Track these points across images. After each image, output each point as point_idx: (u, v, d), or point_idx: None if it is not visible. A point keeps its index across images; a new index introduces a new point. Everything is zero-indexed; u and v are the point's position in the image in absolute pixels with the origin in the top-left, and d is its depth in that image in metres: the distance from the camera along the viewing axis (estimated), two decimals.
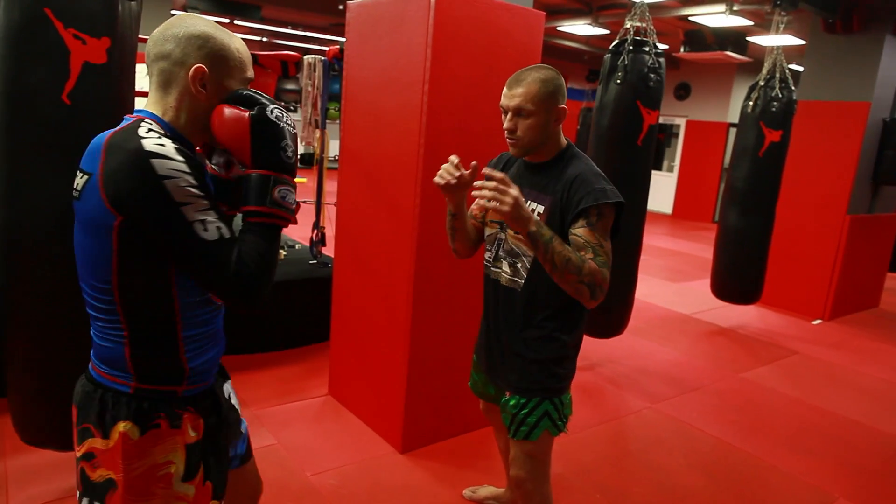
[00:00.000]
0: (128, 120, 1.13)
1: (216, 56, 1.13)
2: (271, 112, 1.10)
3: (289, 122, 1.14)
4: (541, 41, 2.78)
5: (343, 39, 3.57)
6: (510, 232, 1.74)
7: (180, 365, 1.17)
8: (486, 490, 2.48)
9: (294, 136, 1.15)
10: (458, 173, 1.68)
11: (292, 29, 10.74)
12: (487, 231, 1.86)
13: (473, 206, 1.92)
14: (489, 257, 1.86)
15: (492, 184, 1.49)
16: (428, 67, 2.42)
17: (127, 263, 1.08)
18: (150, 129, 1.08)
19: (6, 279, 2.08)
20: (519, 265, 1.75)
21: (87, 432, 1.15)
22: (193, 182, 1.04)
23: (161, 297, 1.12)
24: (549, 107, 1.67)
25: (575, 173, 1.67)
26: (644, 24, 3.56)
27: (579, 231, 1.60)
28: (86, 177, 1.07)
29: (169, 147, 1.05)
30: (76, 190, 1.09)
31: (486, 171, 1.63)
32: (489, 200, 1.48)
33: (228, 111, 1.10)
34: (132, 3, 2.03)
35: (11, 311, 2.07)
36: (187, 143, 1.15)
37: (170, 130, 1.12)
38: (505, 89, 1.70)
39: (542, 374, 1.76)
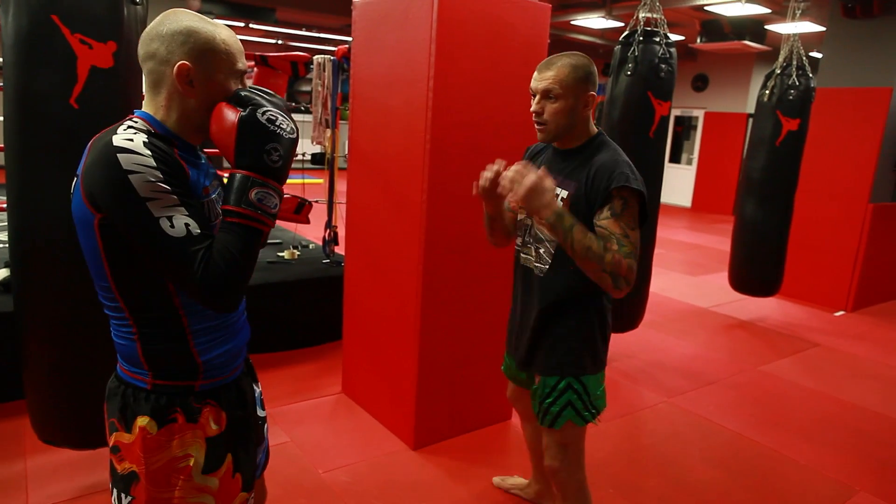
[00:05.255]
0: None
1: (200, 50, 1.10)
2: (262, 114, 1.07)
3: (285, 126, 1.09)
4: (547, 34, 2.76)
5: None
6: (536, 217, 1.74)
7: (192, 359, 1.17)
8: (513, 480, 2.51)
9: (290, 142, 1.10)
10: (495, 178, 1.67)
11: (306, 31, 10.81)
12: (519, 217, 1.88)
13: (510, 196, 1.93)
14: (519, 243, 1.89)
15: (511, 172, 1.51)
16: (432, 63, 2.42)
17: (116, 261, 1.09)
18: (129, 127, 1.08)
19: (21, 281, 2.12)
20: (542, 251, 1.78)
21: (114, 426, 1.19)
22: (161, 177, 1.03)
23: (159, 293, 1.12)
24: (578, 92, 1.66)
25: (601, 160, 1.66)
26: (656, 15, 3.52)
27: (604, 222, 1.59)
28: (76, 178, 1.09)
29: (137, 142, 1.04)
30: (71, 193, 1.11)
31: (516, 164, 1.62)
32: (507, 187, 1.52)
33: (223, 110, 1.10)
34: (137, 6, 2.06)
35: (27, 312, 2.12)
36: (180, 140, 1.14)
37: (161, 129, 1.12)
38: (535, 73, 1.71)
39: (567, 354, 1.78)
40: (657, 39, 3.46)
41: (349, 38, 2.99)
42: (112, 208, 1.03)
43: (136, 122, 1.11)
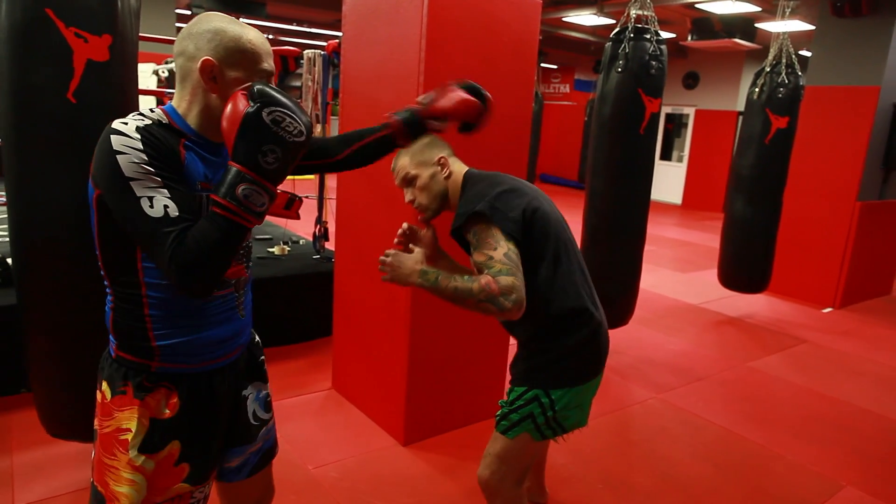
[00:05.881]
0: None
1: (226, 49, 1.15)
2: (269, 113, 1.06)
3: (291, 128, 1.08)
4: (537, 30, 2.76)
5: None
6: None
7: (148, 342, 1.21)
8: None
9: (293, 146, 1.09)
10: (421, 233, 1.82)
11: (297, 25, 10.76)
12: None
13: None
14: None
15: (380, 266, 1.66)
16: (423, 59, 2.41)
17: (104, 235, 1.16)
18: (138, 114, 1.14)
19: (21, 276, 2.11)
20: None
21: (97, 385, 1.28)
22: (146, 159, 1.07)
23: (128, 272, 1.18)
24: (427, 160, 1.75)
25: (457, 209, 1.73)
26: (647, 13, 3.52)
27: (473, 259, 1.62)
28: None
29: (131, 126, 1.10)
30: None
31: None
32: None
33: (237, 99, 1.09)
34: None
35: (29, 307, 2.11)
36: (196, 134, 1.19)
37: (178, 121, 1.18)
38: (393, 175, 1.81)
39: (538, 365, 1.76)
40: (648, 36, 3.46)
41: (340, 34, 2.98)
42: (103, 185, 1.09)
43: (150, 112, 1.16)
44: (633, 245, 3.74)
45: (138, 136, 1.09)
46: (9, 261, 3.08)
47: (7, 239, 3.92)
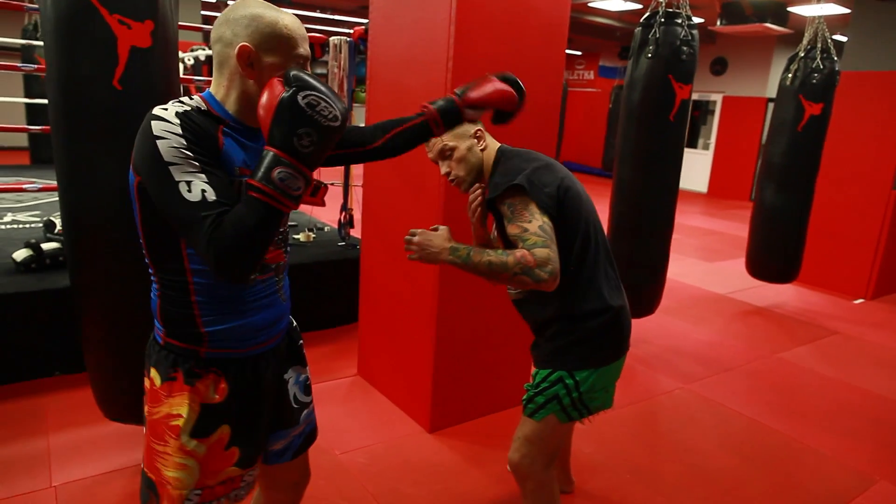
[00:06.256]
0: None
1: (263, 34, 1.14)
2: (304, 97, 1.06)
3: (326, 112, 1.07)
4: (567, 17, 2.71)
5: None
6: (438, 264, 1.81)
7: (196, 328, 1.22)
8: None
9: (328, 129, 1.08)
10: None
11: (321, 13, 10.74)
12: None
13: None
14: None
15: (406, 245, 1.65)
16: (452, 45, 2.38)
17: (147, 223, 1.17)
18: (177, 101, 1.14)
19: (74, 262, 2.15)
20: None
21: (146, 371, 1.29)
22: (184, 144, 1.08)
23: (174, 259, 1.18)
24: (464, 133, 1.77)
25: (491, 182, 1.73)
26: None
27: (507, 231, 1.63)
28: None
29: (171, 112, 1.11)
30: None
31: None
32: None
33: (272, 85, 1.09)
34: None
35: (82, 292, 2.15)
36: (234, 120, 1.19)
37: (216, 107, 1.18)
38: (426, 149, 1.81)
39: (562, 346, 1.77)
40: (679, 21, 3.39)
41: (362, 21, 2.96)
42: (143, 171, 1.10)
43: (189, 99, 1.17)
44: (661, 235, 3.69)
45: (177, 122, 1.09)
46: (43, 246, 3.14)
47: (40, 224, 4.00)
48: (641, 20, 3.51)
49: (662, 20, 3.39)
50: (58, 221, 3.33)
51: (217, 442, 1.26)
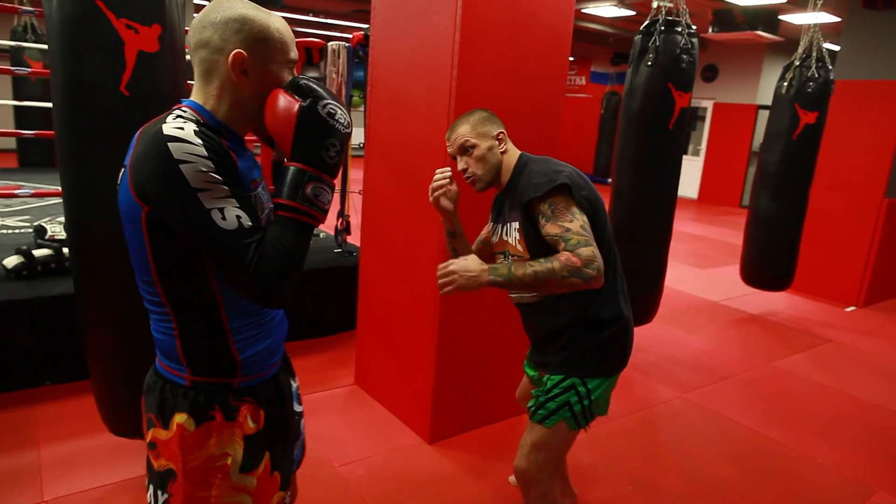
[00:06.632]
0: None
1: (256, 39, 1.07)
2: (323, 107, 1.03)
3: (342, 119, 1.06)
4: (571, 24, 2.70)
5: (365, 26, 3.52)
6: (513, 257, 1.78)
7: (231, 357, 1.14)
8: None
9: (345, 137, 1.06)
10: (453, 185, 1.79)
11: (314, 17, 10.70)
12: (497, 259, 1.89)
13: (483, 232, 2.01)
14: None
15: (439, 275, 1.58)
16: (457, 51, 2.36)
17: (161, 255, 1.06)
18: (178, 116, 1.04)
19: (80, 270, 2.10)
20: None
21: (151, 422, 1.16)
22: (213, 167, 0.99)
23: (201, 288, 1.09)
24: (487, 133, 1.75)
25: (520, 185, 1.72)
26: (673, 4, 3.45)
27: (545, 230, 1.62)
28: (122, 169, 1.05)
29: (188, 131, 1.00)
30: (118, 184, 1.07)
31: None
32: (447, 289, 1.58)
33: (282, 98, 1.05)
34: None
35: (86, 302, 2.10)
36: (229, 131, 1.11)
37: (210, 118, 1.09)
38: (447, 141, 1.79)
39: (576, 354, 1.78)
40: (679, 29, 3.40)
41: (357, 25, 2.93)
42: (162, 200, 0.99)
43: (184, 112, 1.07)
44: (660, 243, 3.69)
45: (200, 142, 0.99)
46: (35, 253, 3.08)
47: (30, 229, 3.93)
48: (641, 28, 3.51)
49: (662, 28, 3.39)
50: (49, 227, 3.27)
51: (264, 471, 1.20)
